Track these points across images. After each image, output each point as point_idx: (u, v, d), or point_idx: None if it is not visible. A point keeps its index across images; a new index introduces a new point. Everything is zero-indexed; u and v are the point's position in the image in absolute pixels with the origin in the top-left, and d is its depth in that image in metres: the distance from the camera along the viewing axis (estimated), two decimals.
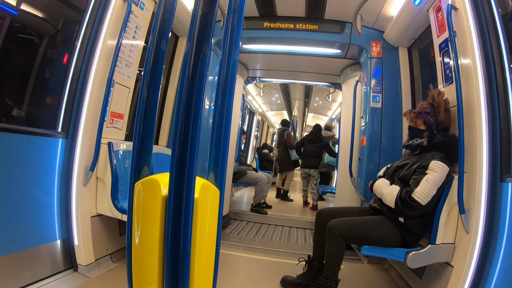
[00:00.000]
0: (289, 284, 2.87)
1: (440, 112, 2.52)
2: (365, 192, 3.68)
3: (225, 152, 1.07)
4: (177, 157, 0.81)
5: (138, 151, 0.98)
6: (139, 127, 0.98)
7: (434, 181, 2.27)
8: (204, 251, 0.99)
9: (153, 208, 0.90)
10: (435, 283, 2.53)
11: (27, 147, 2.39)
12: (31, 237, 2.46)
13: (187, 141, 0.80)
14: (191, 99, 0.81)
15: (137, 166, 0.99)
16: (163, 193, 0.89)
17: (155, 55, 1.00)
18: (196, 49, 0.84)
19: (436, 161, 2.33)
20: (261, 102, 11.16)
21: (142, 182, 0.96)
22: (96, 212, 2.85)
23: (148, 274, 0.93)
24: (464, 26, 2.35)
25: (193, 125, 0.81)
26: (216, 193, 1.05)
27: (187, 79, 0.82)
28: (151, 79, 0.99)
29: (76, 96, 2.71)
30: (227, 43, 1.06)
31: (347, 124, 4.82)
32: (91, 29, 2.76)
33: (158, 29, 1.01)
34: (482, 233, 2.13)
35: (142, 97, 0.98)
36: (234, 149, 5.34)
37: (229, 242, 4.15)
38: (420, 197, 2.27)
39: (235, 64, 1.08)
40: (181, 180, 0.81)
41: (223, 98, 1.08)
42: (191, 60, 0.84)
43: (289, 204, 7.52)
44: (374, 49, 3.90)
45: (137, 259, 0.97)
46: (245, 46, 4.57)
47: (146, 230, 0.94)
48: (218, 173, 1.07)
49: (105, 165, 2.77)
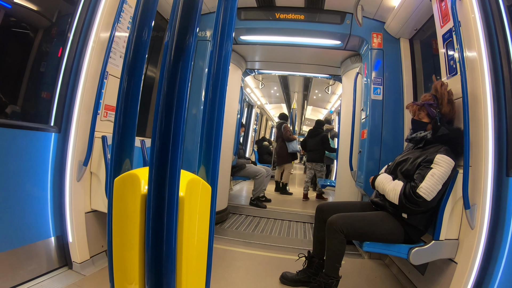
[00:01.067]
0: (289, 280, 2.82)
1: (443, 103, 2.44)
2: (366, 186, 3.61)
3: (218, 145, 1.00)
4: (157, 148, 0.73)
5: (118, 143, 0.91)
6: (119, 118, 0.91)
7: (440, 176, 2.20)
8: (193, 250, 0.93)
9: (133, 206, 0.83)
10: (438, 279, 2.48)
11: (19, 142, 2.32)
12: (25, 235, 2.40)
13: (169, 129, 0.72)
14: (173, 87, 0.73)
15: (117, 160, 0.92)
16: (144, 190, 0.82)
17: (136, 45, 0.93)
18: (178, 38, 0.76)
19: (442, 155, 2.26)
20: (259, 95, 11.11)
21: (122, 177, 0.89)
22: (90, 208, 2.79)
23: (129, 274, 0.87)
24: (469, 15, 2.27)
25: (176, 111, 0.73)
26: (207, 189, 0.98)
27: (168, 67, 0.74)
28: (132, 70, 0.92)
29: (68, 89, 2.64)
30: (218, 34, 0.99)
31: (347, 116, 4.77)
32: (84, 20, 2.68)
33: (140, 17, 0.94)
34: (487, 229, 2.08)
35: (122, 88, 0.91)
36: (233, 142, 5.29)
37: (227, 237, 4.10)
38: (425, 192, 2.20)
39: (227, 55, 1.01)
40: (163, 176, 0.73)
41: (215, 90, 1.00)
42: (172, 51, 0.76)
43: (289, 198, 7.51)
44: (375, 40, 3.83)
45: (118, 258, 0.91)
46: (243, 37, 4.50)
47: (126, 229, 0.87)
48: (209, 167, 1.00)
49: (99, 160, 2.70)
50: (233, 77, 5.08)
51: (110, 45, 2.63)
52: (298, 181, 11.67)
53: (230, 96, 4.88)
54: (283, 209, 5.87)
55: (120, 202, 0.88)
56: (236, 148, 5.57)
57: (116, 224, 0.88)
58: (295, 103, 11.57)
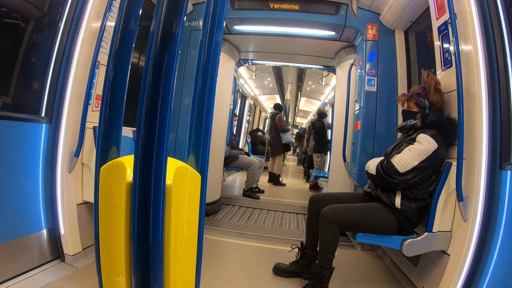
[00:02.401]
0: (282, 271, 2.83)
1: (431, 92, 2.49)
2: (359, 177, 3.63)
3: (208, 133, 0.98)
4: (142, 135, 0.71)
5: (104, 130, 0.89)
6: (105, 106, 0.89)
7: (417, 151, 2.25)
8: (182, 240, 0.91)
9: (118, 194, 0.81)
10: (430, 271, 2.49)
11: (9, 133, 2.28)
12: (16, 227, 2.37)
13: (155, 115, 0.70)
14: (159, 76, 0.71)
15: (104, 147, 0.89)
16: (130, 178, 0.80)
17: (122, 34, 0.91)
18: (164, 26, 0.74)
19: (424, 134, 2.31)
20: (253, 85, 11.06)
21: (108, 166, 0.87)
22: (82, 200, 2.76)
23: (116, 265, 0.85)
24: (465, 8, 2.27)
25: (163, 96, 0.71)
26: (197, 178, 0.96)
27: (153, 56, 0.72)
28: (118, 59, 0.90)
29: (59, 79, 2.59)
30: (208, 22, 0.97)
31: (341, 108, 4.75)
32: (75, 8, 2.63)
33: (127, 5, 0.91)
34: (480, 222, 2.10)
35: (108, 77, 0.89)
36: (226, 133, 5.26)
37: (220, 228, 4.09)
38: (398, 163, 2.28)
39: (217, 44, 0.98)
40: (149, 163, 0.71)
41: (204, 78, 0.98)
42: (157, 39, 0.74)
43: (282, 189, 7.56)
44: (369, 32, 3.81)
45: (104, 250, 0.90)
46: (236, 27, 4.44)
47: (112, 219, 0.85)
48: (199, 155, 0.98)
49: (91, 151, 2.66)
50: (226, 67, 5.02)
51: (101, 35, 2.57)
52: (291, 173, 11.69)
53: (223, 86, 4.83)
54: (276, 200, 5.90)
55: (106, 191, 0.86)
56: (229, 139, 5.55)
57: (102, 214, 0.86)
58: (288, 94, 11.56)
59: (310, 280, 2.53)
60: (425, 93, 2.52)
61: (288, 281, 2.76)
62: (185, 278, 0.95)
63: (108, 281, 0.89)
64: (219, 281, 2.64)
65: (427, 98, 2.51)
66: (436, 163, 2.29)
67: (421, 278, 2.59)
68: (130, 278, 0.82)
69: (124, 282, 0.83)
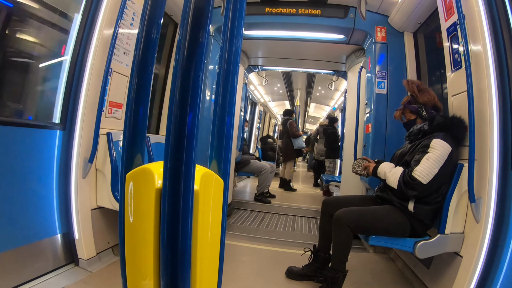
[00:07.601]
0: (295, 275, 2.83)
1: (417, 95, 2.56)
2: (370, 180, 3.61)
3: (229, 139, 1.00)
4: (172, 143, 0.73)
5: (129, 138, 0.91)
6: (130, 114, 0.91)
7: (435, 159, 2.23)
8: (207, 245, 0.93)
9: (147, 200, 0.83)
10: (443, 273, 2.48)
11: (24, 140, 2.33)
12: (31, 232, 2.41)
13: (184, 123, 0.72)
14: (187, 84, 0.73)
15: (129, 155, 0.91)
16: (158, 184, 0.82)
17: (145, 44, 0.93)
18: (191, 36, 0.76)
19: (438, 139, 2.29)
20: (263, 92, 11.10)
21: (134, 172, 0.89)
22: (96, 205, 2.80)
23: (143, 269, 0.87)
24: (473, 8, 2.26)
25: (191, 104, 0.73)
26: (220, 183, 0.98)
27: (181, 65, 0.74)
28: (141, 68, 0.93)
29: (73, 86, 2.64)
30: (228, 30, 0.99)
31: (352, 112, 4.76)
32: (87, 16, 2.67)
33: (148, 15, 0.94)
34: (492, 223, 2.09)
35: (132, 85, 0.91)
36: (237, 138, 5.27)
37: (232, 232, 4.11)
38: (420, 175, 2.24)
39: (237, 51, 1.01)
40: (178, 170, 0.73)
41: (225, 86, 1.01)
42: (184, 49, 0.76)
43: (293, 194, 7.55)
44: (378, 34, 3.81)
45: (130, 254, 0.91)
46: (245, 32, 4.47)
47: (140, 224, 0.87)
48: (221, 161, 1.00)
49: (105, 156, 2.71)
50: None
51: (113, 42, 2.61)
52: (301, 178, 11.66)
53: None
54: (287, 204, 5.89)
55: (132, 197, 0.88)
56: (241, 144, 5.57)
57: (128, 219, 0.88)
58: (298, 100, 11.56)
59: (323, 283, 2.54)
60: (414, 98, 2.59)
61: (301, 284, 2.77)
62: (208, 281, 0.97)
63: (134, 284, 0.90)
64: (233, 284, 2.66)
65: (418, 102, 2.57)
66: (453, 164, 2.29)
67: (434, 281, 2.58)
68: (158, 281, 0.83)
69: (152, 285, 0.85)
